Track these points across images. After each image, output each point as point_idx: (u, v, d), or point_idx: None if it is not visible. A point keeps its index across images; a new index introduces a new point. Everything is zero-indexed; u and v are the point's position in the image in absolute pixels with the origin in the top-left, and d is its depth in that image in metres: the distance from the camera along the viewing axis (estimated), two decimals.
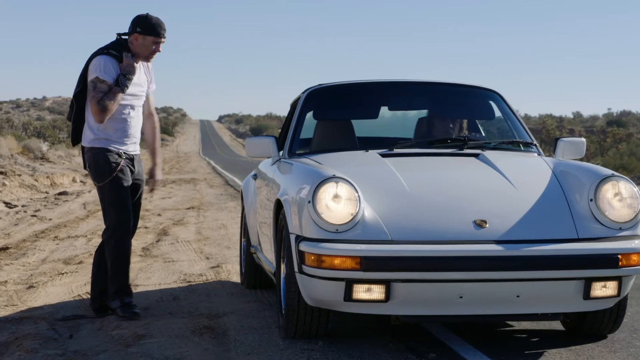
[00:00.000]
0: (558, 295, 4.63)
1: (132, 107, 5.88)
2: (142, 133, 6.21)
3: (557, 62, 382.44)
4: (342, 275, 4.48)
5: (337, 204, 4.61)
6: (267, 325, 5.56)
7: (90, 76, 5.72)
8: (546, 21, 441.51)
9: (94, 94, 5.67)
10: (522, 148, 5.94)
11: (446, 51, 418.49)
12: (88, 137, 5.85)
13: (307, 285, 4.68)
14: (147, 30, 5.78)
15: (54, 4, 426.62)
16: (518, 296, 4.58)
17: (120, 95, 5.70)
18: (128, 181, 5.84)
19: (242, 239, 7.33)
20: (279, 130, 7.02)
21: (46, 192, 18.58)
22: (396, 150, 5.61)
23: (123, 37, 5.88)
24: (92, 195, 18.02)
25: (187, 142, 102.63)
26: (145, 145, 6.27)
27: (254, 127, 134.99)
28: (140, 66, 5.91)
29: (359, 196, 4.64)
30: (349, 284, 4.51)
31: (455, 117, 6.40)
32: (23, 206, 14.98)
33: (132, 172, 5.91)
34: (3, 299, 6.55)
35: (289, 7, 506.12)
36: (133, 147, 5.94)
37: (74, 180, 22.59)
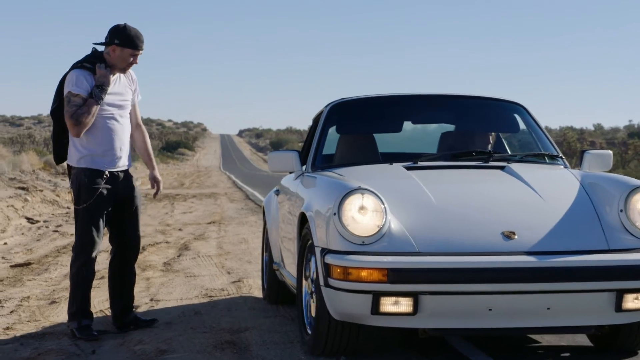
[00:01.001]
0: (589, 308, 4.52)
1: (115, 119, 5.77)
2: (133, 144, 6.07)
3: (577, 74, 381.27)
4: (369, 287, 4.39)
5: (363, 215, 4.55)
6: (289, 340, 5.54)
7: (64, 91, 5.64)
8: (566, 33, 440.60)
9: (68, 108, 5.58)
10: (547, 161, 5.89)
11: (465, 64, 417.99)
12: (74, 157, 5.76)
13: (333, 299, 4.58)
14: (125, 42, 5.66)
15: (73, 22, 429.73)
16: (548, 308, 4.48)
17: (95, 108, 5.59)
18: (105, 208, 5.76)
19: (264, 255, 7.27)
20: (300, 144, 7.06)
21: (68, 208, 18.64)
22: (420, 163, 5.55)
23: (98, 46, 5.78)
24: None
25: (208, 157, 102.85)
26: (139, 156, 6.20)
27: (274, 141, 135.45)
28: (120, 75, 5.81)
29: (385, 207, 4.57)
30: (376, 296, 4.41)
31: (480, 130, 6.33)
32: (45, 221, 15.05)
33: (114, 192, 5.79)
34: (26, 315, 6.57)
35: (310, 21, 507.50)
36: (121, 161, 5.82)
37: None
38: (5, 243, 11.68)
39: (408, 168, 5.43)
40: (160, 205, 20.65)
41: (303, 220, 5.19)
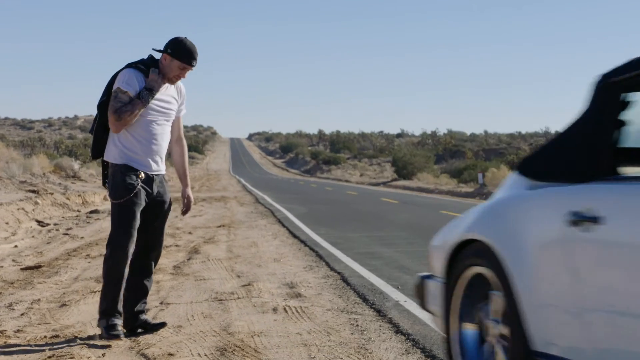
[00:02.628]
0: None
1: (158, 124, 5.85)
2: (170, 155, 6.21)
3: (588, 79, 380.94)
4: None
5: None
6: (303, 343, 5.55)
7: (114, 86, 5.73)
8: (584, 38, 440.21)
9: (113, 104, 5.66)
10: None
11: (477, 67, 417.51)
12: (112, 153, 5.81)
13: None
14: (177, 54, 5.77)
15: (84, 25, 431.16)
16: None
17: (139, 108, 5.68)
18: (141, 205, 5.78)
19: (462, 327, 4.24)
20: (309, 148, 6.90)
21: (78, 211, 18.70)
22: None
23: (155, 52, 5.89)
24: None
25: (217, 160, 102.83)
26: (175, 169, 6.24)
27: (283, 145, 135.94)
28: (168, 85, 5.89)
29: None
30: None
31: None
32: (55, 224, 15.09)
33: (148, 193, 5.84)
34: (36, 317, 6.59)
35: (318, 27, 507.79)
36: (156, 165, 5.88)
37: (105, 199, 22.72)
38: (16, 246, 11.72)
39: None
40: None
41: None
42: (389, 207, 24.12)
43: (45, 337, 5.86)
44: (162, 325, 6.09)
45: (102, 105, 5.79)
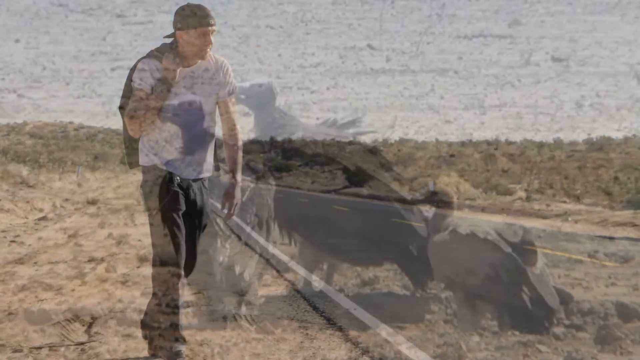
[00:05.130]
0: None
1: (186, 120, 5.00)
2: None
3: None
4: None
5: None
6: (252, 352, 5.54)
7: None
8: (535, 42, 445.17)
9: (129, 104, 4.96)
10: None
11: None
12: (141, 154, 5.09)
13: None
14: (190, 23, 4.90)
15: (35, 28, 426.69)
16: None
17: (155, 104, 4.90)
18: (181, 210, 5.01)
19: None
20: (261, 155, 6.83)
21: (25, 218, 18.47)
22: None
23: (168, 38, 5.07)
24: (72, 221, 17.92)
25: None
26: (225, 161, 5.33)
27: None
28: (199, 67, 5.04)
29: None
30: None
31: None
32: (2, 232, 14.88)
33: (187, 198, 5.05)
34: None
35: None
36: (188, 169, 5.06)
37: (54, 206, 22.49)
38: None
39: None
40: None
41: None
42: (340, 214, 24.14)
43: None
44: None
45: (124, 108, 5.06)
